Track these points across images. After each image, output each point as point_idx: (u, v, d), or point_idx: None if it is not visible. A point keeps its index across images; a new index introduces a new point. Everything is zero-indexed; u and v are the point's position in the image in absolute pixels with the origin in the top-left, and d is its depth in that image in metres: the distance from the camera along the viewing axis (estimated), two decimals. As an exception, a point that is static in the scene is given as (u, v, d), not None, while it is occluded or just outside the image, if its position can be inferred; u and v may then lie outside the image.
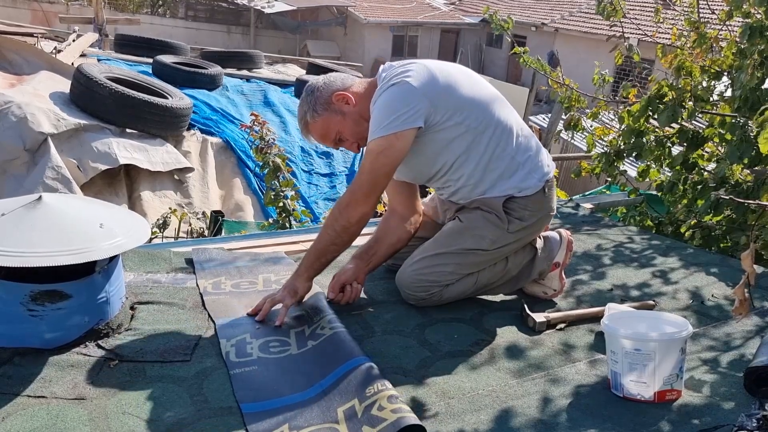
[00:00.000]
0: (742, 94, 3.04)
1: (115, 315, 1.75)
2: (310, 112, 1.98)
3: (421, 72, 1.89)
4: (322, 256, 1.95)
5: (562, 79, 4.00)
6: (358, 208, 1.89)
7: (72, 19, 12.87)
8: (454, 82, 1.92)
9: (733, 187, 3.16)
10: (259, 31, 21.91)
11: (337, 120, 1.96)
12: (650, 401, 1.55)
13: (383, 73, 1.96)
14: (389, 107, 1.85)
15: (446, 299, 2.03)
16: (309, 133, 2.02)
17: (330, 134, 1.99)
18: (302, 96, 2.03)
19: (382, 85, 1.90)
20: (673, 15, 4.11)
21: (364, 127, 1.94)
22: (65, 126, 5.32)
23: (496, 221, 1.99)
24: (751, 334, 1.97)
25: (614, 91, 6.76)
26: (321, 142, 2.04)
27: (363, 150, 2.03)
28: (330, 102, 1.96)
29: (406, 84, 1.85)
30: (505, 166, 1.99)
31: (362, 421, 1.39)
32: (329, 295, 1.99)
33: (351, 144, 2.02)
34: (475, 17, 21.77)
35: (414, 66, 1.91)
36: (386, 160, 1.87)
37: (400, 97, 1.84)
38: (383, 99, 1.87)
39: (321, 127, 1.98)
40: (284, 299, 1.89)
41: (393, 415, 1.37)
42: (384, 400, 1.42)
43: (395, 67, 1.95)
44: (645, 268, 2.54)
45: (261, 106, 7.27)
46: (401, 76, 1.87)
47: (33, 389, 1.47)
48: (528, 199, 2.00)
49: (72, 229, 1.65)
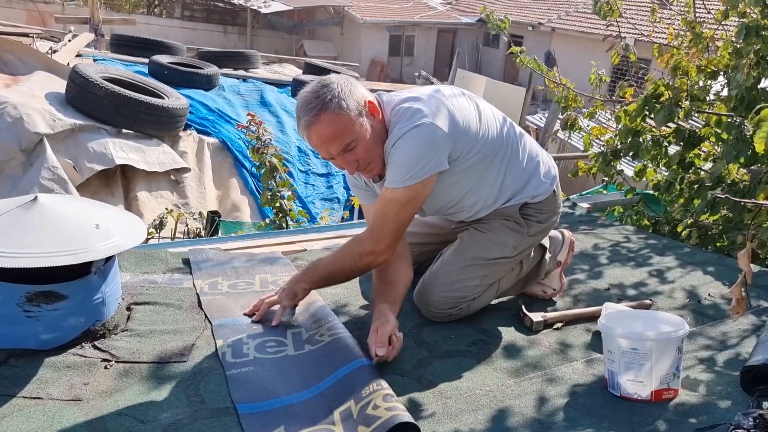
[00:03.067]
0: (738, 93, 3.05)
1: (111, 316, 1.74)
2: (336, 100, 1.67)
3: (440, 110, 1.75)
4: (330, 278, 1.90)
5: (558, 78, 4.00)
6: (380, 257, 1.81)
7: (68, 19, 12.84)
8: (468, 115, 1.82)
9: (730, 186, 3.17)
10: (255, 31, 21.89)
11: (362, 126, 1.71)
12: (647, 400, 1.55)
13: (395, 106, 1.78)
14: (417, 153, 1.70)
15: (472, 311, 1.98)
16: (318, 123, 1.67)
17: (345, 136, 1.69)
18: (317, 84, 1.73)
19: (402, 123, 1.72)
20: (670, 15, 4.12)
21: (377, 151, 1.76)
22: (61, 126, 5.30)
23: (516, 227, 1.96)
24: (748, 333, 1.97)
25: (611, 90, 6.76)
26: (326, 142, 1.71)
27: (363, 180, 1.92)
28: (360, 104, 1.72)
29: (431, 126, 1.70)
30: (518, 180, 1.96)
31: (357, 421, 1.39)
32: (378, 351, 1.63)
33: (354, 161, 1.75)
34: (472, 17, 21.77)
35: (430, 101, 1.76)
36: (412, 209, 1.79)
37: (427, 142, 1.70)
38: (409, 143, 1.70)
39: (341, 123, 1.68)
40: (282, 300, 1.85)
41: (387, 413, 1.37)
42: (379, 399, 1.42)
43: (408, 99, 1.78)
44: (642, 267, 2.54)
45: (258, 106, 7.25)
46: (422, 116, 1.71)
47: (29, 390, 1.46)
48: (542, 203, 1.99)
49: (68, 229, 1.65)
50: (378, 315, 1.75)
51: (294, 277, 1.91)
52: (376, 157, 1.77)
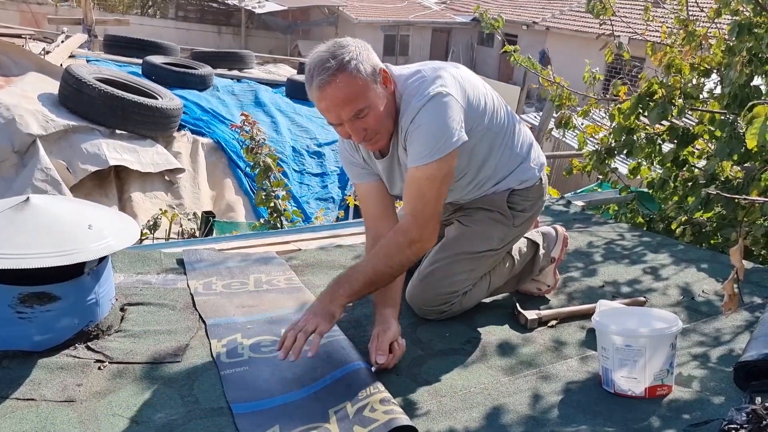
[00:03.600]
0: (731, 91, 3.06)
1: (104, 316, 1.74)
2: (354, 62, 1.58)
3: (451, 80, 1.72)
4: (374, 284, 1.70)
5: (553, 77, 4.00)
6: (429, 242, 1.74)
7: (61, 20, 12.79)
8: (477, 90, 1.81)
9: (723, 183, 3.18)
10: (249, 32, 21.86)
11: (377, 92, 1.63)
12: (641, 397, 1.55)
13: (406, 79, 1.72)
14: (441, 124, 1.64)
15: (465, 307, 1.97)
16: (333, 83, 1.56)
17: (360, 101, 1.60)
18: (332, 44, 1.63)
19: (418, 97, 1.66)
20: (663, 13, 4.13)
21: (386, 122, 1.70)
22: (54, 127, 5.28)
23: (501, 218, 1.97)
24: (741, 329, 1.98)
25: (605, 89, 6.78)
26: (339, 105, 1.60)
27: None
28: (376, 71, 1.63)
29: (449, 96, 1.66)
30: (511, 163, 1.97)
31: (354, 422, 1.39)
32: (378, 359, 1.60)
33: (362, 129, 1.66)
34: (466, 16, 21.80)
35: (440, 72, 1.72)
36: (447, 185, 1.72)
37: (447, 112, 1.65)
38: (430, 115, 1.64)
39: (357, 87, 1.59)
40: (319, 325, 1.58)
41: (385, 416, 1.37)
42: (376, 403, 1.42)
43: (417, 72, 1.73)
44: (636, 264, 2.55)
45: (252, 107, 7.24)
46: (435, 86, 1.67)
47: (22, 392, 1.46)
48: (528, 190, 2.00)
49: (60, 230, 1.64)
50: (380, 320, 1.70)
51: (324, 298, 1.66)
52: (384, 129, 1.70)
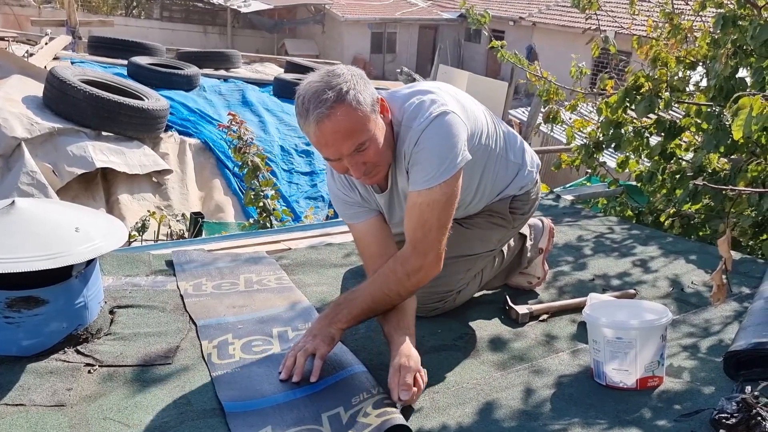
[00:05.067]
0: (717, 83, 3.08)
1: (93, 320, 1.72)
2: (353, 92, 1.48)
3: (450, 98, 1.66)
4: (372, 311, 1.64)
5: (540, 72, 4.01)
6: (432, 271, 1.63)
7: (44, 22, 12.69)
8: (473, 106, 1.77)
9: (711, 175, 3.21)
10: (236, 31, 21.76)
11: (377, 125, 1.55)
12: (632, 388, 1.56)
13: (403, 103, 1.64)
14: (445, 144, 1.57)
15: (458, 304, 1.98)
16: (332, 117, 1.46)
17: (361, 135, 1.51)
18: (325, 73, 1.52)
19: (419, 119, 1.58)
20: (648, 6, 4.15)
21: (386, 153, 1.61)
22: (39, 130, 5.23)
23: (501, 222, 1.97)
24: (730, 320, 1.99)
25: (592, 83, 6.81)
26: (339, 140, 1.51)
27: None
28: (374, 101, 1.55)
29: (451, 114, 1.59)
30: (510, 172, 1.95)
31: (347, 426, 1.38)
32: (402, 395, 1.44)
33: (362, 163, 1.56)
34: (452, 12, 21.81)
35: (437, 92, 1.66)
36: (452, 208, 1.62)
37: (450, 131, 1.58)
38: (433, 136, 1.56)
39: (358, 120, 1.50)
40: (318, 348, 1.54)
41: (377, 420, 1.37)
42: (369, 407, 1.42)
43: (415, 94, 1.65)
44: (625, 257, 2.56)
45: (239, 106, 7.21)
46: (435, 107, 1.59)
47: (11, 397, 1.44)
48: (528, 193, 2.00)
49: (47, 233, 1.63)
50: (399, 351, 1.52)
51: (323, 319, 1.61)
52: (383, 161, 1.61)
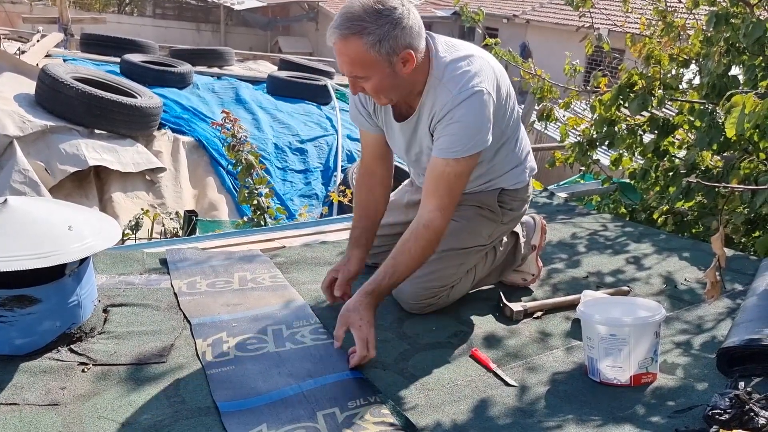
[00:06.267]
0: (710, 81, 3.10)
1: (87, 318, 1.72)
2: (372, 38, 1.59)
3: (491, 77, 1.76)
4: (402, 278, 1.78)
5: (534, 70, 4.02)
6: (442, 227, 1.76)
7: (36, 19, 12.61)
8: (508, 88, 1.85)
9: (704, 173, 3.22)
10: (229, 29, 21.66)
11: (383, 71, 1.65)
12: (626, 385, 1.57)
13: (443, 56, 1.73)
14: (478, 123, 1.70)
15: (451, 300, 1.99)
16: (342, 42, 1.61)
17: (359, 70, 1.66)
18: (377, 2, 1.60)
19: (462, 87, 1.68)
20: (642, 4, 4.16)
21: (390, 93, 1.73)
22: (31, 128, 5.20)
23: (491, 215, 1.99)
24: (723, 316, 2.00)
25: (585, 81, 6.82)
26: (341, 61, 1.65)
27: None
28: (395, 52, 1.63)
29: (488, 95, 1.71)
30: (506, 165, 1.99)
31: (343, 426, 1.39)
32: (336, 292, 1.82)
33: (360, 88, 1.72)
34: (446, 10, 21.78)
35: (482, 65, 1.74)
36: (466, 179, 1.79)
37: (484, 111, 1.71)
38: (470, 112, 1.69)
39: (361, 59, 1.62)
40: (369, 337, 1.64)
41: (375, 428, 1.37)
42: (367, 414, 1.43)
43: (457, 57, 1.74)
44: (619, 254, 2.57)
45: (233, 104, 7.18)
46: (478, 81, 1.70)
47: (4, 397, 1.43)
48: (517, 191, 2.03)
49: (40, 232, 1.62)
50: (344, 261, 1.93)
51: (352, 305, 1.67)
52: (384, 98, 1.75)
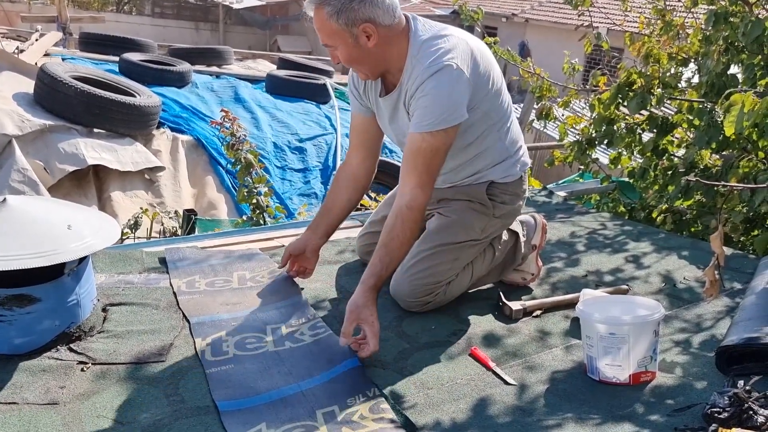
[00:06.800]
0: (709, 79, 3.10)
1: (86, 317, 1.72)
2: (331, 8, 1.73)
3: (466, 54, 1.78)
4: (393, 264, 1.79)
5: (533, 69, 4.02)
6: (424, 203, 1.78)
7: (34, 18, 12.57)
8: (489, 69, 1.86)
9: (703, 171, 3.23)
10: (228, 27, 21.63)
11: (347, 41, 1.77)
12: (626, 384, 1.57)
13: (421, 35, 1.80)
14: (448, 97, 1.73)
15: (449, 298, 1.99)
16: (313, 12, 1.76)
17: (326, 38, 1.80)
18: None
19: (432, 62, 1.73)
20: (641, 3, 4.16)
21: (363, 64, 1.83)
22: (30, 127, 5.19)
23: (481, 209, 2.00)
24: (722, 315, 2.00)
25: (584, 79, 6.83)
26: (317, 30, 1.80)
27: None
28: (355, 24, 1.74)
29: (459, 71, 1.73)
30: (496, 156, 2.00)
31: (342, 423, 1.39)
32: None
33: (335, 56, 1.84)
34: (445, 9, 21.75)
35: (457, 42, 1.79)
36: (447, 151, 1.80)
37: (456, 87, 1.74)
38: (438, 85, 1.73)
39: (325, 28, 1.77)
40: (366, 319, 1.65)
41: (374, 425, 1.38)
42: (366, 410, 1.43)
43: (434, 35, 1.80)
44: (618, 253, 2.57)
45: (232, 103, 7.17)
46: (450, 57, 1.74)
47: (4, 396, 1.43)
48: (507, 185, 2.03)
49: (39, 231, 1.62)
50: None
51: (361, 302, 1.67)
52: (359, 69, 1.86)
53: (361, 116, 2.07)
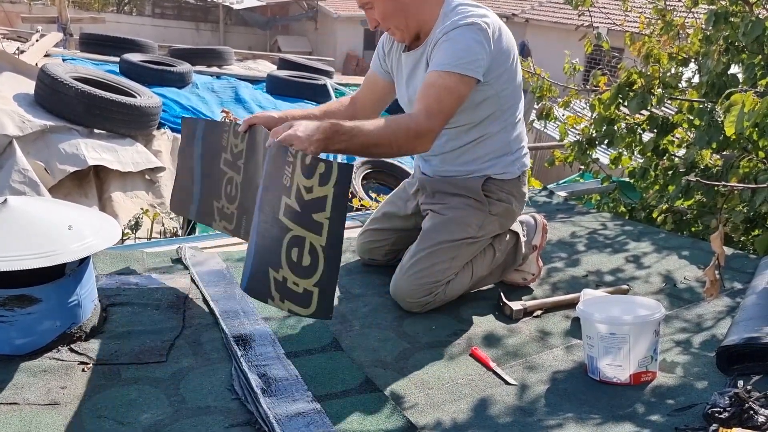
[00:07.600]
0: (709, 79, 3.10)
1: (87, 318, 1.72)
2: None
3: (495, 25, 1.85)
4: (365, 151, 1.77)
5: (533, 69, 4.02)
6: (425, 145, 1.76)
7: (35, 19, 12.58)
8: (511, 49, 1.89)
9: (703, 171, 3.23)
10: (228, 28, 21.65)
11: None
12: (626, 384, 1.57)
13: (459, 5, 1.87)
14: (467, 45, 1.77)
15: (449, 298, 1.98)
16: None
17: None
18: None
19: (462, 17, 1.81)
20: (641, 3, 4.16)
21: (398, 23, 1.90)
22: (31, 128, 5.19)
23: (477, 205, 2.00)
24: (723, 315, 2.00)
25: (585, 79, 6.83)
26: None
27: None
28: None
29: (485, 31, 1.79)
30: (500, 147, 2.01)
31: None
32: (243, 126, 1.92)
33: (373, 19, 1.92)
34: (445, 9, 21.77)
35: (489, 13, 1.87)
36: (458, 101, 1.79)
37: (479, 41, 1.78)
38: (461, 34, 1.78)
39: None
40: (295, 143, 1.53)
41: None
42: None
43: (469, 2, 1.88)
44: (618, 253, 2.57)
45: (232, 103, 7.18)
46: (481, 18, 1.82)
47: (5, 396, 1.43)
48: (504, 182, 2.03)
49: (40, 231, 1.62)
50: None
51: (316, 130, 1.55)
52: (394, 28, 1.92)
53: (375, 75, 2.17)
